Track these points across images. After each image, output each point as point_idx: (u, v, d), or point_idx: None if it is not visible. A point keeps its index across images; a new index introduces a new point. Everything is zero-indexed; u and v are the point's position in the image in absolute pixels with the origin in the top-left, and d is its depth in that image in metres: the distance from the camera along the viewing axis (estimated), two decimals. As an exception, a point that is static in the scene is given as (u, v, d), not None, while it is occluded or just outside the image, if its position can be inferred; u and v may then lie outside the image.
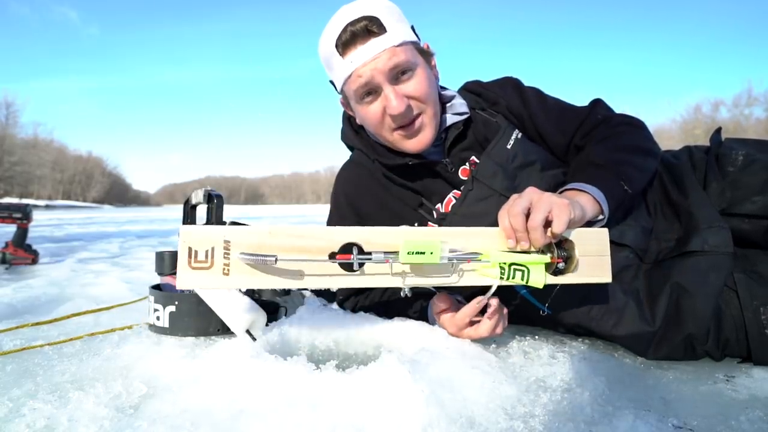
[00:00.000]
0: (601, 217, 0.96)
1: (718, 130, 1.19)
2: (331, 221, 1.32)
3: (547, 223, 0.85)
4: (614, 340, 1.08)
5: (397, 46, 1.01)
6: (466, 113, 1.15)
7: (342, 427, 0.67)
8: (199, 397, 0.78)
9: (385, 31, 1.00)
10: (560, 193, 0.97)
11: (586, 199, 0.94)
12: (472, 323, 0.97)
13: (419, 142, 1.09)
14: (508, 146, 1.13)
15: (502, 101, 1.19)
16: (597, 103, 1.21)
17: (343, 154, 1.39)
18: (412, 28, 1.08)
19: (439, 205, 1.17)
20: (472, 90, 1.24)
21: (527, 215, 0.85)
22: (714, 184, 1.08)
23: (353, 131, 1.26)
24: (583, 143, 1.14)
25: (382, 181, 1.23)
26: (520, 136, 1.16)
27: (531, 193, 0.87)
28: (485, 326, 0.96)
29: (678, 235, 1.07)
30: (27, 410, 0.75)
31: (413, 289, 0.89)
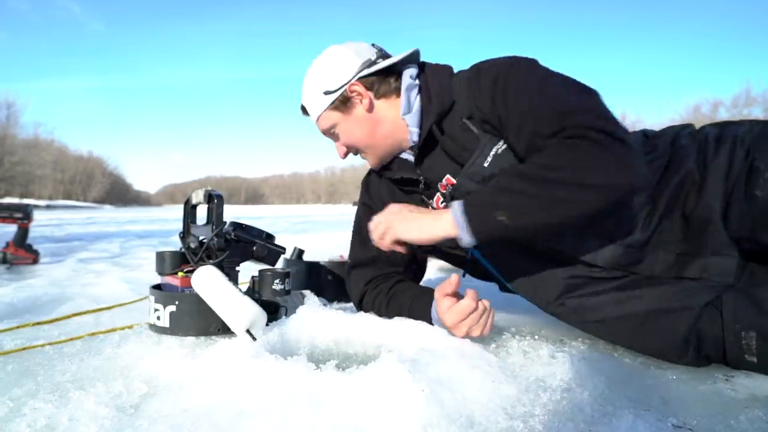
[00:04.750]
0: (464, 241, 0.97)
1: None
2: (355, 230, 1.40)
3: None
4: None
5: (318, 120, 1.22)
6: (415, 142, 1.16)
7: (342, 427, 0.67)
8: (199, 396, 0.78)
9: (308, 114, 1.24)
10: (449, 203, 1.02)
11: (444, 221, 0.98)
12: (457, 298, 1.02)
13: (371, 165, 1.29)
14: (486, 164, 1.07)
15: (476, 114, 1.08)
16: (572, 113, 0.94)
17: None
18: (333, 90, 1.16)
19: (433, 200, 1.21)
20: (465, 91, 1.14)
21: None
22: (736, 206, 0.97)
23: None
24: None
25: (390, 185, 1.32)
26: (501, 150, 1.06)
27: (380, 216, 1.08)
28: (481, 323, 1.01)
29: (680, 250, 1.02)
30: (28, 410, 0.75)
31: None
